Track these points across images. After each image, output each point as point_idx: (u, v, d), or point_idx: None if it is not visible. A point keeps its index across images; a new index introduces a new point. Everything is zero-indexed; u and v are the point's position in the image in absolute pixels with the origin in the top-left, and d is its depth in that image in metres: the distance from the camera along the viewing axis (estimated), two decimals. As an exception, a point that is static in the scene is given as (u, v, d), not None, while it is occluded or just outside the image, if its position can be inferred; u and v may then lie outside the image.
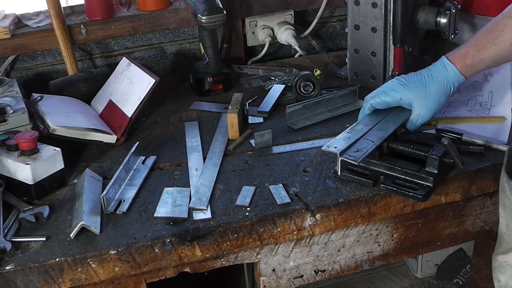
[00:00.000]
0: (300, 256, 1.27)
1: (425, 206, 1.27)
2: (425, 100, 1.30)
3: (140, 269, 1.12)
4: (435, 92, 1.30)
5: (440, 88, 1.30)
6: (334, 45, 2.08)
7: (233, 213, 1.17)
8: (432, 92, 1.30)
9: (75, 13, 1.82)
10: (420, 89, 1.31)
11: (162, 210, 1.19)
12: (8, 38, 1.67)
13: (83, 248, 1.10)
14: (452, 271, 2.38)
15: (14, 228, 1.15)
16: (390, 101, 1.33)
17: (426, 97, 1.30)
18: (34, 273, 1.07)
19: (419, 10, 1.56)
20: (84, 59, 1.83)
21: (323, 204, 1.18)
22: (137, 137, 1.48)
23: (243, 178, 1.28)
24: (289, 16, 1.96)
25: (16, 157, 1.23)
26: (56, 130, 1.36)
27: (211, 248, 1.15)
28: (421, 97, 1.30)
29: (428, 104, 1.31)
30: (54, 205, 1.23)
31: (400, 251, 1.36)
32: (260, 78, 1.79)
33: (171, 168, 1.35)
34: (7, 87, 1.47)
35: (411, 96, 1.31)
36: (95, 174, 1.31)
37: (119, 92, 1.54)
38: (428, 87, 1.31)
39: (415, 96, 1.30)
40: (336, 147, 1.22)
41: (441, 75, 1.30)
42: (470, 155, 1.30)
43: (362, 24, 1.59)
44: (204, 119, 1.56)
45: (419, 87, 1.31)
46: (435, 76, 1.31)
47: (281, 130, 1.47)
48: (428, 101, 1.30)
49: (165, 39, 1.89)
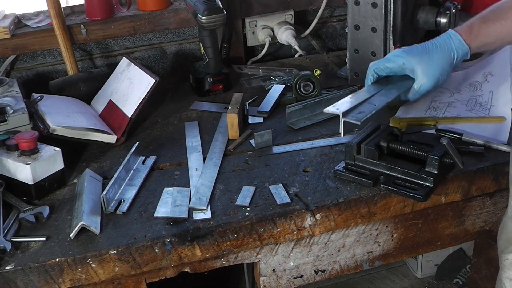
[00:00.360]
0: (300, 256, 1.27)
1: (425, 206, 1.27)
2: (428, 65, 1.30)
3: (140, 269, 1.12)
4: (439, 59, 1.30)
5: (443, 56, 1.30)
6: (334, 45, 2.08)
7: (233, 213, 1.17)
8: (435, 59, 1.30)
9: (75, 13, 1.82)
10: (423, 55, 1.30)
11: (162, 210, 1.19)
12: (8, 38, 1.67)
13: (83, 248, 1.10)
14: (452, 271, 2.38)
15: (14, 228, 1.15)
16: (393, 67, 1.32)
17: (429, 63, 1.30)
18: (34, 273, 1.07)
19: (419, 10, 1.56)
20: (84, 59, 1.83)
21: (323, 204, 1.18)
22: (137, 137, 1.48)
23: (243, 178, 1.28)
24: (289, 16, 1.96)
25: (16, 157, 1.23)
26: (56, 130, 1.36)
27: (211, 248, 1.15)
28: (424, 63, 1.30)
29: (431, 70, 1.30)
30: (54, 205, 1.23)
31: (400, 251, 1.36)
32: (260, 78, 1.79)
33: (171, 168, 1.35)
34: (7, 87, 1.47)
35: (414, 61, 1.30)
36: (95, 174, 1.31)
37: (119, 92, 1.54)
38: (431, 53, 1.30)
39: (418, 61, 1.30)
40: (338, 109, 1.22)
41: (445, 43, 1.30)
42: (470, 155, 1.30)
43: (362, 24, 1.59)
44: (204, 119, 1.56)
45: (423, 54, 1.30)
46: (439, 44, 1.31)
47: (281, 130, 1.47)
48: (431, 67, 1.30)
49: (165, 39, 1.89)
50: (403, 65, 1.31)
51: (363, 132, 1.28)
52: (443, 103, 1.51)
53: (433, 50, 1.30)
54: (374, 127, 1.30)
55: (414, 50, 1.32)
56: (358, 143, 1.24)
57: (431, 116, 1.46)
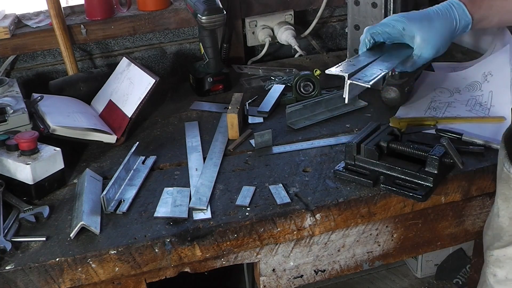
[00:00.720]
0: (300, 256, 1.27)
1: (425, 206, 1.27)
2: (428, 32, 1.24)
3: (140, 269, 1.12)
4: (440, 26, 1.25)
5: (445, 23, 1.25)
6: (334, 45, 2.08)
7: (233, 213, 1.17)
8: (437, 26, 1.24)
9: (75, 13, 1.82)
10: (424, 21, 1.25)
11: (162, 210, 1.19)
12: (8, 38, 1.67)
13: (83, 248, 1.10)
14: (452, 271, 2.38)
15: (14, 228, 1.15)
16: (392, 32, 1.27)
17: (430, 30, 1.24)
18: (34, 273, 1.07)
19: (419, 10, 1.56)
20: (84, 59, 1.83)
21: (323, 204, 1.18)
22: (137, 137, 1.48)
23: (243, 178, 1.29)
24: (289, 16, 1.96)
25: (16, 157, 1.23)
26: (56, 130, 1.36)
27: (211, 248, 1.15)
28: (425, 29, 1.24)
29: (432, 38, 1.25)
30: (54, 205, 1.23)
31: (400, 251, 1.36)
32: (260, 78, 1.79)
33: (171, 168, 1.35)
34: (7, 87, 1.47)
35: (415, 27, 1.24)
36: (95, 174, 1.31)
37: (119, 92, 1.55)
38: (433, 20, 1.25)
39: (419, 27, 1.24)
40: (342, 70, 1.15)
41: (447, 11, 1.26)
42: (470, 155, 1.30)
43: (362, 24, 1.59)
44: (204, 119, 1.56)
45: (423, 20, 1.25)
46: (441, 12, 1.26)
47: (281, 130, 1.47)
48: (431, 34, 1.25)
49: (165, 39, 1.89)
50: (403, 30, 1.25)
51: (363, 132, 1.28)
52: (443, 103, 1.51)
53: (434, 17, 1.25)
54: (374, 127, 1.30)
55: (415, 15, 1.26)
56: (358, 143, 1.24)
57: (431, 116, 1.46)
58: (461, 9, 1.25)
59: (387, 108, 1.52)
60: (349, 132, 1.45)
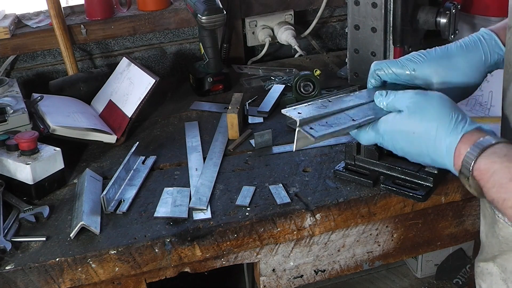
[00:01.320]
0: (300, 256, 1.27)
1: (425, 206, 1.27)
2: (446, 73, 0.99)
3: (140, 269, 1.12)
4: (463, 64, 1.00)
5: (471, 59, 1.00)
6: (334, 45, 2.08)
7: (233, 213, 1.17)
8: (458, 64, 0.99)
9: (75, 13, 1.82)
10: (442, 60, 1.00)
11: (162, 210, 1.19)
12: (8, 38, 1.67)
13: (83, 248, 1.10)
14: (452, 271, 2.38)
15: (14, 228, 1.15)
16: (400, 73, 1.01)
17: (449, 70, 0.99)
18: (34, 273, 1.07)
19: (419, 10, 1.56)
20: (84, 59, 1.83)
21: (323, 204, 1.18)
22: (137, 137, 1.48)
23: (243, 178, 1.28)
24: (289, 16, 1.96)
25: (16, 157, 1.23)
26: (56, 130, 1.36)
27: (211, 248, 1.15)
28: (442, 70, 0.99)
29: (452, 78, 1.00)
30: (54, 205, 1.23)
31: (400, 251, 1.36)
32: (260, 78, 1.79)
33: (171, 168, 1.35)
34: (7, 87, 1.47)
35: (429, 70, 0.99)
36: (95, 174, 1.31)
37: (119, 92, 1.54)
38: (453, 57, 1.00)
39: (435, 69, 0.99)
40: (300, 113, 0.93)
41: (474, 44, 1.01)
42: (470, 155, 1.30)
43: (362, 24, 1.59)
44: (204, 119, 1.56)
45: (442, 58, 1.00)
46: (466, 46, 1.01)
47: (281, 130, 1.47)
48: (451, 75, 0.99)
49: (165, 39, 1.89)
50: (414, 72, 1.00)
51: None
52: (443, 103, 1.51)
53: (456, 53, 1.00)
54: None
55: (432, 53, 1.01)
56: (358, 143, 1.24)
57: (431, 116, 1.46)
58: (492, 41, 1.01)
59: (387, 108, 1.52)
60: (349, 132, 1.45)
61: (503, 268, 1.04)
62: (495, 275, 1.06)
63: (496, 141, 0.83)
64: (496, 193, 0.80)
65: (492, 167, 0.80)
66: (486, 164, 0.81)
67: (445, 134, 0.87)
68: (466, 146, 0.84)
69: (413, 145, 0.91)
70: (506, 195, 0.78)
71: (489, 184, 0.80)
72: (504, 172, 0.79)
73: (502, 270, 1.04)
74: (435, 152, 0.89)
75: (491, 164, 0.80)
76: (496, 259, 1.05)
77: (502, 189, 0.78)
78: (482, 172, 0.81)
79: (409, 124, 0.90)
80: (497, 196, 0.79)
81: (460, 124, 0.87)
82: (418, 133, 0.89)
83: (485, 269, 1.10)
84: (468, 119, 0.88)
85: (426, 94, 0.92)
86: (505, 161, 0.79)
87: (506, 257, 1.02)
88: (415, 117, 0.89)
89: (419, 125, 0.89)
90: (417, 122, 0.89)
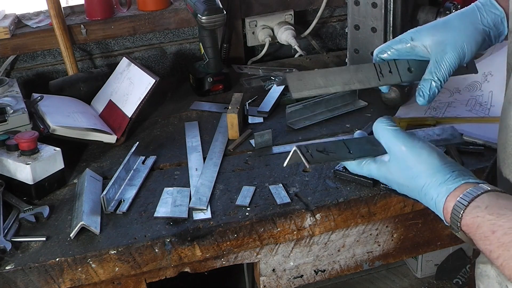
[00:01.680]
0: (300, 256, 1.27)
1: (425, 206, 1.26)
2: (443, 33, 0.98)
3: (140, 269, 1.12)
4: (459, 24, 0.98)
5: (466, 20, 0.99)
6: (334, 45, 2.08)
7: (233, 213, 1.17)
8: (454, 25, 0.98)
9: (75, 13, 1.82)
10: (438, 25, 0.99)
11: (162, 210, 1.19)
12: (8, 38, 1.67)
13: (83, 248, 1.10)
14: (452, 271, 2.38)
15: (14, 228, 1.15)
16: (400, 48, 1.03)
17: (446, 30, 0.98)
18: (34, 273, 1.07)
19: (419, 10, 1.56)
20: (84, 59, 1.83)
21: (323, 204, 1.18)
22: (137, 137, 1.48)
23: (243, 178, 1.28)
24: (289, 16, 1.96)
25: (16, 157, 1.23)
26: (56, 130, 1.36)
27: (211, 248, 1.15)
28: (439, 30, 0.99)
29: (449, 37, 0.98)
30: (54, 205, 1.23)
31: (400, 251, 1.36)
32: (260, 78, 1.79)
33: (171, 168, 1.35)
34: (7, 87, 1.47)
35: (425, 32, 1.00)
36: (95, 174, 1.31)
37: (119, 92, 1.54)
38: (449, 21, 0.99)
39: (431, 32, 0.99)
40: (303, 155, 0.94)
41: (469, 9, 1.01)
42: (470, 155, 1.30)
43: (362, 24, 1.59)
44: (204, 119, 1.56)
45: (437, 24, 1.00)
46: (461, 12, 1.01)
47: (281, 130, 1.47)
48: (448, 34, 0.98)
49: (165, 39, 1.89)
50: (412, 41, 1.00)
51: None
52: (443, 103, 1.51)
53: (451, 18, 0.99)
54: None
55: (428, 24, 1.03)
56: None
57: (431, 116, 1.46)
58: (487, 4, 0.99)
59: (387, 108, 1.52)
60: (349, 132, 1.45)
61: (499, 272, 1.05)
62: (492, 278, 1.07)
63: (480, 192, 0.84)
64: (483, 245, 0.83)
65: (476, 221, 0.83)
66: (471, 219, 0.84)
67: (433, 193, 0.90)
68: (451, 203, 0.87)
69: (407, 193, 0.95)
70: (491, 247, 0.81)
71: (476, 237, 0.84)
72: (486, 226, 0.81)
73: (498, 273, 1.05)
74: (429, 206, 0.94)
75: (475, 219, 0.83)
76: None
77: (487, 241, 0.81)
78: (469, 227, 0.84)
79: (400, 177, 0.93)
80: (483, 247, 0.83)
81: (446, 183, 0.89)
82: (408, 187, 0.93)
83: (484, 271, 1.10)
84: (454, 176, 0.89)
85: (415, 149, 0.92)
86: (487, 214, 0.81)
87: None
88: (405, 173, 0.92)
89: (408, 181, 0.92)
90: (406, 178, 0.92)
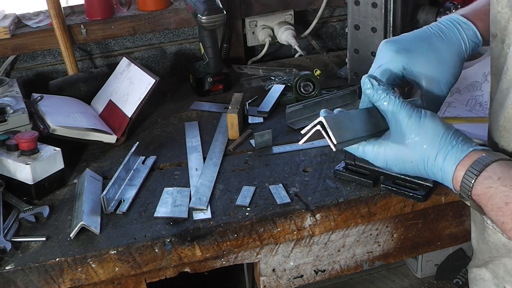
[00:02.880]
0: (300, 256, 1.27)
1: (425, 206, 1.27)
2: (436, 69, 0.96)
3: (140, 269, 1.12)
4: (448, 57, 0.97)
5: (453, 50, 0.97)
6: (334, 45, 2.08)
7: (233, 213, 1.17)
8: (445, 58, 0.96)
9: (75, 13, 1.82)
10: (429, 54, 0.96)
11: (162, 210, 1.19)
12: (8, 38, 1.67)
13: (83, 248, 1.10)
14: (452, 271, 2.38)
15: (14, 228, 1.15)
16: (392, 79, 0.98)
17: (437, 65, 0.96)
18: (34, 273, 1.07)
19: (419, 10, 1.56)
20: (84, 59, 1.83)
21: (323, 204, 1.18)
22: (137, 137, 1.48)
23: (243, 178, 1.28)
24: (289, 16, 1.96)
25: (16, 157, 1.23)
26: (56, 130, 1.36)
27: (211, 248, 1.15)
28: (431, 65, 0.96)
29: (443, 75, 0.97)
30: (54, 205, 1.23)
31: (400, 251, 1.36)
32: (260, 78, 1.79)
33: (171, 168, 1.35)
34: (7, 87, 1.47)
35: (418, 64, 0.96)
36: (95, 174, 1.31)
37: (119, 92, 1.54)
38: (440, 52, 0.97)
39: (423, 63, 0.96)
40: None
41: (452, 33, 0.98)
42: (470, 155, 1.30)
43: (362, 24, 1.59)
44: (204, 119, 1.56)
45: (428, 52, 0.97)
46: (445, 35, 0.98)
47: (281, 130, 1.47)
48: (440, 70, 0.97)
49: (165, 39, 1.89)
50: (404, 70, 0.97)
51: None
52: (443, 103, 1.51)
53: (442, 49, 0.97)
54: None
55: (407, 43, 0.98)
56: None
57: (431, 116, 1.46)
58: (471, 31, 0.98)
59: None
60: (349, 132, 1.44)
61: (495, 274, 1.05)
62: (487, 281, 1.07)
63: (490, 161, 0.83)
64: (495, 216, 0.82)
65: (489, 191, 0.82)
66: (483, 189, 0.83)
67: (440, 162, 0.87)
68: (461, 172, 0.85)
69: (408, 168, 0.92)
70: (504, 218, 0.81)
71: (487, 207, 0.83)
72: (499, 197, 0.81)
73: (494, 275, 1.05)
74: (435, 177, 0.90)
75: (488, 189, 0.82)
76: (488, 265, 1.06)
77: (500, 212, 0.81)
78: (481, 197, 0.84)
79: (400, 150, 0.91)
80: (496, 218, 0.82)
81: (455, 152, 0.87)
82: (411, 162, 0.90)
83: (478, 275, 1.10)
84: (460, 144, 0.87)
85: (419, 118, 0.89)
86: (500, 185, 0.81)
87: (496, 263, 1.03)
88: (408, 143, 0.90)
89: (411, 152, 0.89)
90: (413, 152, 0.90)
